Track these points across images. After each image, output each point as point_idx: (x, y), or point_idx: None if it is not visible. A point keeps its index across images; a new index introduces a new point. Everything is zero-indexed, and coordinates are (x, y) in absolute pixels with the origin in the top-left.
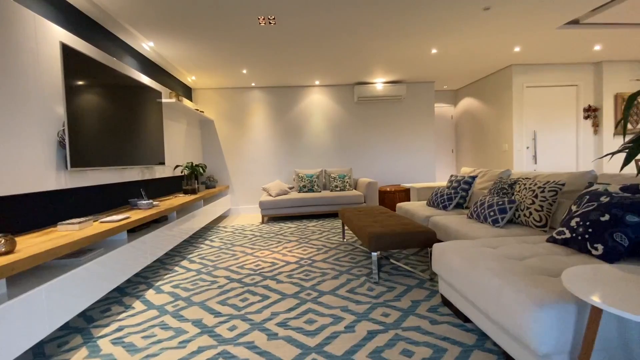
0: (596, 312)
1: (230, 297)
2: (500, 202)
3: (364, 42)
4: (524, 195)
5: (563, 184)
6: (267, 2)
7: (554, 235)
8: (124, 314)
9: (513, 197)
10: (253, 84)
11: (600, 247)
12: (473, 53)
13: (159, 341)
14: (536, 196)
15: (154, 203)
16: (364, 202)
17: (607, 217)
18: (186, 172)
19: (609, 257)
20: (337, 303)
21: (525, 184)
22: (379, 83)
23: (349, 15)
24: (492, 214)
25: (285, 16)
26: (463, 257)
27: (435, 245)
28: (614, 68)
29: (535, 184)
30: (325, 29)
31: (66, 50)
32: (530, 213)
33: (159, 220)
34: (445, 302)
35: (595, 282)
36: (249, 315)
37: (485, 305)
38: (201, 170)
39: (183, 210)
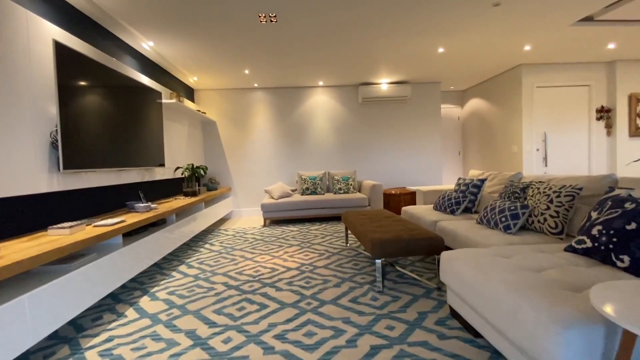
0: (630, 337)
1: (226, 305)
2: (512, 207)
3: (369, 41)
4: (538, 200)
5: (580, 189)
6: None
7: (573, 244)
8: (115, 323)
9: (526, 202)
10: (255, 85)
11: (626, 258)
12: (481, 52)
13: (149, 354)
14: (551, 201)
15: (152, 206)
16: (368, 205)
17: (633, 225)
18: (187, 173)
19: (637, 269)
20: (338, 314)
21: (539, 188)
22: (383, 84)
23: (353, 13)
24: (503, 219)
25: (286, 13)
26: (474, 268)
27: (444, 254)
28: (628, 67)
29: (550, 188)
30: (328, 27)
31: (59, 48)
32: (545, 219)
33: (158, 224)
34: (454, 315)
35: (629, 301)
36: (245, 327)
37: (499, 322)
38: (202, 172)
39: (183, 213)
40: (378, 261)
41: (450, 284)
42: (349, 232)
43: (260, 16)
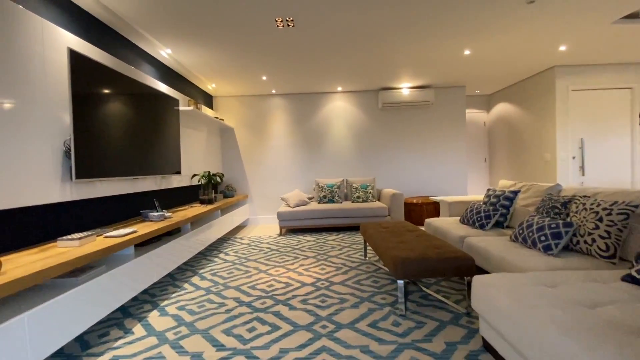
0: None
1: (237, 324)
2: (553, 225)
3: (389, 44)
4: (584, 217)
5: (636, 206)
6: (284, 1)
7: (634, 273)
8: (121, 340)
9: (569, 219)
10: (273, 91)
11: None
12: (511, 54)
13: None
14: (600, 219)
15: (166, 215)
16: (388, 215)
17: None
18: (203, 181)
19: None
20: (356, 340)
21: (584, 204)
22: (405, 88)
23: (373, 15)
24: (542, 238)
25: (304, 17)
26: (514, 299)
27: (477, 279)
28: None
29: (599, 205)
30: (347, 30)
31: (74, 56)
32: (594, 240)
33: (172, 232)
34: (488, 348)
35: None
36: (254, 351)
37: None
38: (218, 179)
39: (198, 221)
40: (400, 282)
41: (484, 314)
42: (368, 245)
43: (277, 20)
